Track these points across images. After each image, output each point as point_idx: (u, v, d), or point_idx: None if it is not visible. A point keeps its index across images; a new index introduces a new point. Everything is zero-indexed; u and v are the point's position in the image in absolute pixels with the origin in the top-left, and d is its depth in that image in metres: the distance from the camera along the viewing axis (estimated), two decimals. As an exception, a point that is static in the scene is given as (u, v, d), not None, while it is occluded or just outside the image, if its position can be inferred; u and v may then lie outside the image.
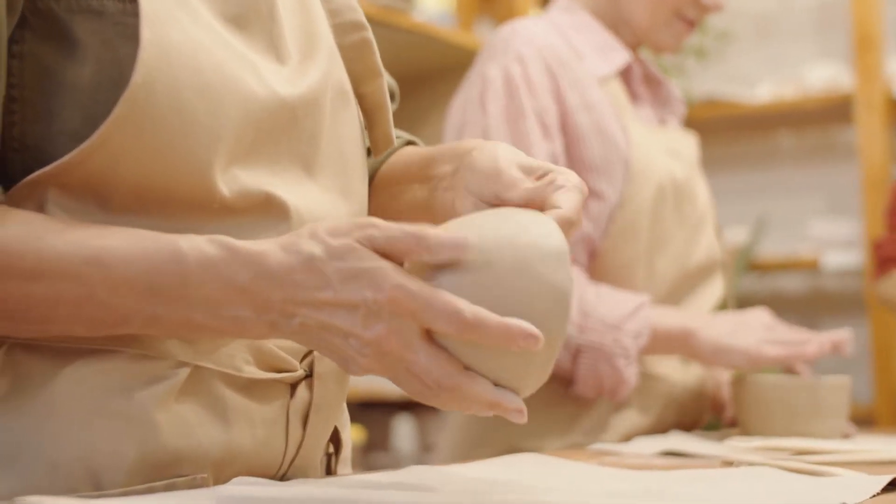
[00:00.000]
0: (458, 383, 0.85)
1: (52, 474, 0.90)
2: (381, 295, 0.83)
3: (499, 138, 1.70)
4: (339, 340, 0.86)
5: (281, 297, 0.85)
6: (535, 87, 1.74)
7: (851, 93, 3.33)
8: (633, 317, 1.66)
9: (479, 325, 0.82)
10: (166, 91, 0.88)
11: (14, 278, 0.85)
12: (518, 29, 1.82)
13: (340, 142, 1.06)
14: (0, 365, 0.91)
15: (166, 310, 0.86)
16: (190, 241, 0.86)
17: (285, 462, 1.03)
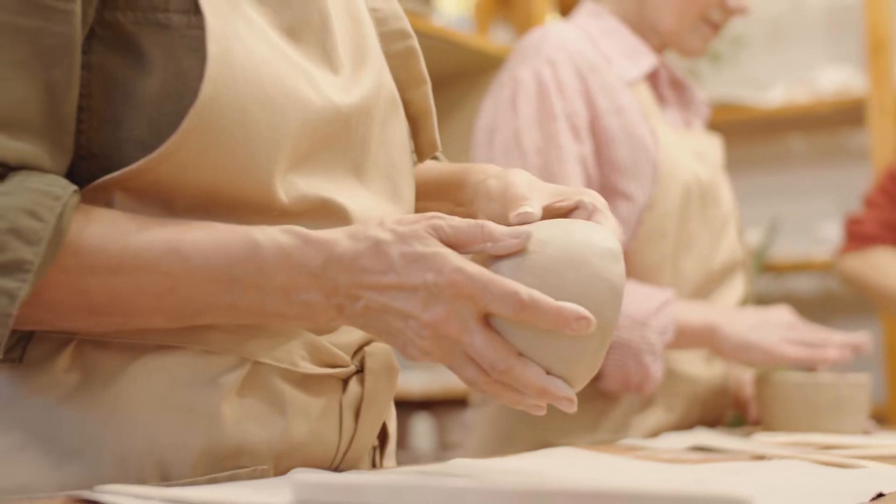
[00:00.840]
0: (511, 367, 0.89)
1: (122, 466, 0.94)
2: (441, 278, 0.88)
3: (530, 140, 1.74)
4: (399, 323, 0.90)
5: (348, 281, 0.90)
6: (566, 90, 1.77)
7: (863, 96, 3.36)
8: (659, 313, 1.69)
9: (535, 307, 0.87)
10: (231, 103, 0.92)
11: (99, 272, 0.90)
12: (548, 33, 1.85)
13: (389, 148, 1.10)
14: (69, 360, 0.95)
15: (243, 298, 0.91)
16: (264, 231, 0.91)
17: (338, 455, 1.07)
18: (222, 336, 0.97)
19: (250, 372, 0.98)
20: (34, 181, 0.87)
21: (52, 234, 0.86)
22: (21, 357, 0.94)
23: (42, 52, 0.90)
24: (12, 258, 0.84)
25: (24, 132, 0.89)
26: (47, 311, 0.91)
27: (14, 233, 0.85)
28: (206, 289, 0.91)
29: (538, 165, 1.72)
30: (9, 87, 0.88)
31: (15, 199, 0.86)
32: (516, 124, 1.76)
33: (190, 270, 0.90)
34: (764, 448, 1.42)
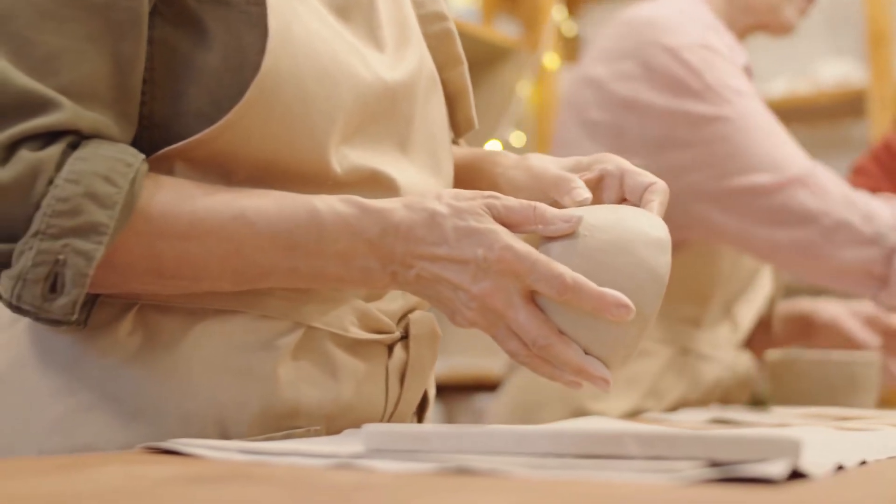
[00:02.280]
0: (551, 343, 0.94)
1: (184, 425, 0.98)
2: (491, 254, 0.92)
3: (734, 87, 1.73)
4: (449, 293, 0.95)
5: (403, 249, 0.95)
6: (727, 59, 1.76)
7: (864, 88, 3.40)
8: None
9: (578, 290, 0.91)
10: (290, 77, 0.96)
11: (170, 237, 0.94)
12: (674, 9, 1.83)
13: (430, 124, 1.14)
14: (132, 324, 0.99)
15: (304, 263, 0.95)
16: (323, 200, 0.95)
17: (385, 417, 1.11)
18: (278, 301, 1.01)
19: (304, 336, 1.02)
20: (107, 149, 0.92)
21: (125, 198, 0.90)
22: (86, 321, 0.98)
23: (112, 27, 0.94)
24: (89, 221, 0.88)
25: (95, 103, 0.93)
26: (119, 274, 0.95)
27: (90, 197, 0.89)
28: (270, 253, 0.95)
29: (750, 105, 1.71)
30: (82, 59, 0.92)
31: (90, 165, 0.90)
32: (705, 79, 1.72)
33: (254, 235, 0.94)
34: (784, 419, 1.46)
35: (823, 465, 0.73)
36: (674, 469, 0.69)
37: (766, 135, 1.68)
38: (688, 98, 1.71)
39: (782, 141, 1.69)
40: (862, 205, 1.64)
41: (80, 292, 0.89)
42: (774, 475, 0.66)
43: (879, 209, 1.64)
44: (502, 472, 0.70)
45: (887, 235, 1.63)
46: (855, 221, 1.63)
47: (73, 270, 0.88)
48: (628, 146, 1.73)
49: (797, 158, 1.68)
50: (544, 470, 0.71)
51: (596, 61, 1.84)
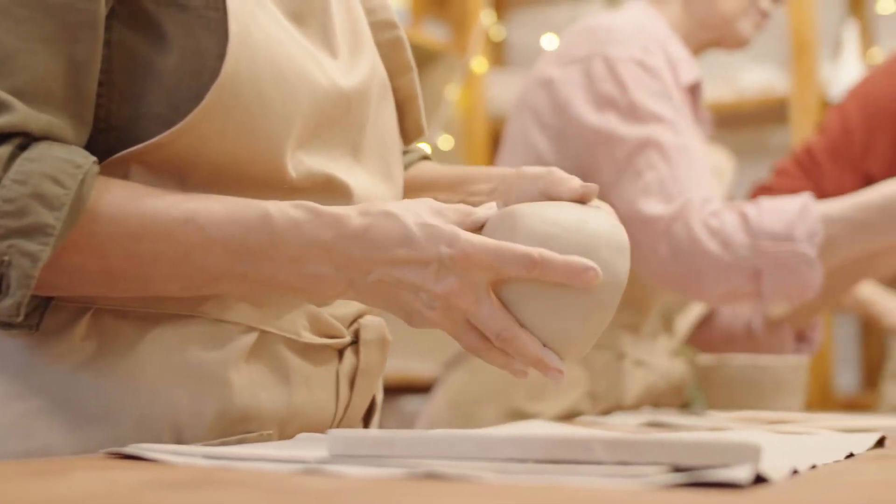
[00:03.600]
0: (514, 335, 0.95)
1: (140, 429, 0.98)
2: (454, 250, 0.93)
3: (647, 111, 1.74)
4: (409, 295, 0.96)
5: (360, 255, 0.95)
6: (664, 76, 1.79)
7: (786, 96, 3.46)
8: (801, 219, 1.66)
9: (545, 264, 0.93)
10: (249, 82, 0.97)
11: (119, 239, 0.94)
12: (634, 21, 1.86)
13: (382, 130, 1.15)
14: (86, 329, 0.99)
15: (254, 268, 0.95)
16: (276, 205, 0.95)
17: (335, 422, 1.12)
18: (232, 306, 1.02)
19: (257, 341, 1.03)
20: (57, 150, 0.91)
21: (73, 200, 0.90)
22: (38, 325, 0.97)
23: (67, 28, 0.93)
24: (35, 222, 0.88)
25: (48, 105, 0.93)
26: (67, 276, 0.94)
27: (37, 197, 0.88)
28: (220, 257, 0.95)
29: (662, 131, 1.74)
30: (36, 60, 0.92)
31: (39, 166, 0.89)
32: (629, 97, 1.75)
33: (205, 239, 0.94)
34: (719, 423, 1.49)
35: (781, 469, 0.76)
36: (640, 474, 0.71)
37: (668, 164, 1.72)
38: (610, 112, 1.76)
39: (684, 173, 1.72)
40: (729, 229, 1.67)
41: (24, 294, 0.88)
42: (740, 480, 0.68)
43: (734, 233, 1.67)
44: (472, 477, 0.72)
45: (747, 258, 1.66)
46: (715, 251, 1.67)
47: (18, 272, 0.88)
48: (568, 150, 1.76)
49: (690, 191, 1.70)
50: (513, 475, 0.73)
51: (550, 64, 1.87)
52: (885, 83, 2.40)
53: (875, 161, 2.28)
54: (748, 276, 1.67)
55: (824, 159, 2.35)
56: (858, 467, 0.90)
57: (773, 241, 1.65)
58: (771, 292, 1.68)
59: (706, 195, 1.70)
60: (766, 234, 1.65)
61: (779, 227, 1.65)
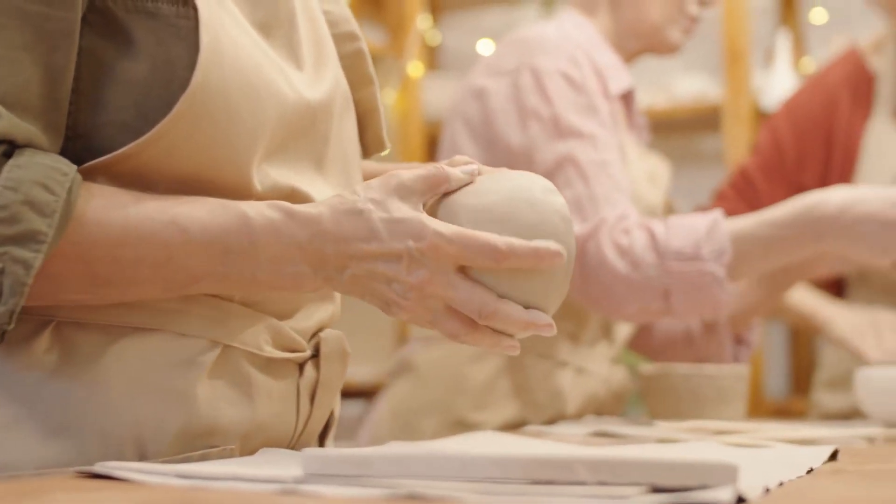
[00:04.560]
0: (496, 308, 0.97)
1: (103, 443, 0.97)
2: (422, 243, 0.96)
3: (568, 125, 1.76)
4: (384, 287, 0.98)
5: (334, 251, 0.97)
6: (590, 87, 1.80)
7: (719, 103, 3.50)
8: (709, 238, 1.67)
9: (513, 253, 0.96)
10: (218, 93, 0.96)
11: (104, 245, 0.93)
12: (561, 31, 1.87)
13: (344, 143, 1.15)
14: (49, 341, 0.98)
15: (235, 269, 0.97)
16: (253, 206, 0.97)
17: (295, 436, 1.12)
18: (196, 320, 1.01)
19: (220, 355, 1.02)
20: (42, 158, 0.91)
21: (63, 206, 0.89)
22: (2, 337, 0.96)
23: (46, 36, 0.93)
24: (28, 229, 0.87)
25: (26, 113, 0.92)
26: (52, 283, 0.93)
27: (29, 204, 0.88)
28: (202, 259, 0.96)
29: (582, 147, 1.75)
30: (16, 69, 0.91)
31: (28, 173, 0.89)
32: (553, 111, 1.77)
33: (187, 242, 0.95)
34: (666, 433, 1.50)
35: (755, 488, 0.77)
36: (621, 495, 0.72)
37: (585, 182, 1.74)
38: (534, 127, 1.78)
39: (601, 191, 1.73)
40: (638, 249, 1.69)
41: (17, 302, 0.87)
42: (722, 502, 0.69)
43: (642, 253, 1.69)
44: (452, 498, 0.72)
45: (655, 278, 1.68)
46: (623, 272, 1.69)
47: (11, 279, 0.87)
48: (496, 162, 1.78)
49: (605, 210, 1.72)
50: (494, 496, 0.73)
51: (482, 74, 1.88)
52: (813, 98, 2.44)
53: (808, 176, 2.31)
54: (658, 295, 1.69)
55: (759, 179, 2.38)
56: (819, 483, 0.91)
57: (680, 261, 1.67)
58: (681, 310, 1.70)
59: (622, 212, 1.72)
60: (674, 254, 1.67)
61: (686, 247, 1.67)
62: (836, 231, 1.66)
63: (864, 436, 1.49)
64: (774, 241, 1.67)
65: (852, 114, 2.33)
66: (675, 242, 1.67)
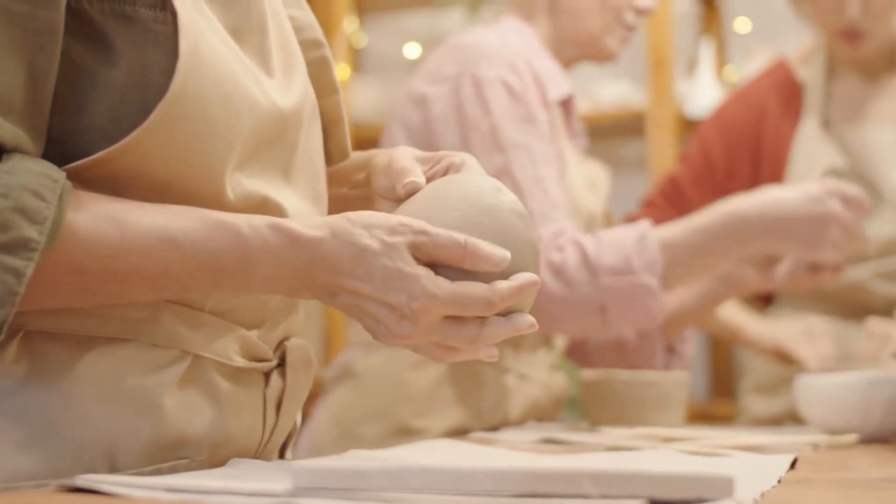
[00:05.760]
0: (481, 335, 0.98)
1: (75, 455, 0.95)
2: (414, 303, 0.96)
3: (506, 136, 1.76)
4: (371, 321, 0.99)
5: (327, 280, 0.97)
6: (530, 96, 1.81)
7: (642, 110, 3.54)
8: (639, 251, 1.70)
9: (504, 299, 0.97)
10: (196, 100, 0.95)
11: (99, 256, 0.92)
12: (501, 39, 1.87)
13: (311, 152, 1.14)
14: (17, 351, 0.96)
15: (228, 284, 0.97)
16: (251, 226, 0.96)
17: (261, 446, 1.11)
18: (166, 330, 1.00)
19: (189, 365, 1.01)
20: (31, 163, 0.89)
21: (55, 214, 0.87)
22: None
23: (29, 38, 0.91)
24: (18, 236, 0.85)
25: (10, 115, 0.90)
26: (42, 292, 0.91)
27: (19, 211, 0.86)
28: (196, 275, 0.95)
29: (518, 161, 1.75)
30: (2, 70, 0.89)
31: (19, 179, 0.87)
32: (491, 121, 1.78)
33: (182, 258, 0.94)
34: (615, 440, 1.51)
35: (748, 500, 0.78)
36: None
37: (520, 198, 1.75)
38: (472, 137, 1.78)
39: (536, 207, 1.74)
40: (570, 268, 1.71)
41: (9, 312, 0.86)
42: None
43: (575, 272, 1.71)
44: (452, 512, 0.72)
45: (589, 294, 1.70)
46: (558, 292, 1.71)
47: (2, 288, 0.85)
48: None
49: (539, 227, 1.73)
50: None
51: (423, 80, 1.88)
52: (742, 108, 2.48)
53: (738, 185, 2.35)
54: (594, 311, 1.72)
55: (688, 188, 2.42)
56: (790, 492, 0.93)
57: (613, 276, 1.69)
58: (617, 323, 1.73)
59: (556, 229, 1.73)
60: (606, 270, 1.70)
61: (618, 262, 1.70)
62: (761, 232, 1.73)
63: (810, 443, 1.51)
64: (703, 247, 1.73)
65: (781, 124, 2.36)
66: (606, 258, 1.70)
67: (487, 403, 1.83)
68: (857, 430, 1.61)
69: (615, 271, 1.69)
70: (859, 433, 1.60)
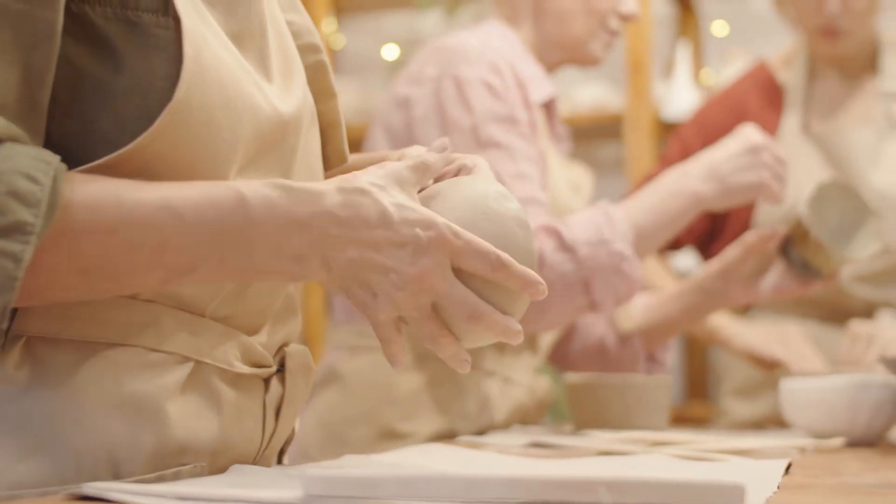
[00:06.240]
0: (483, 310, 0.99)
1: (79, 462, 0.95)
2: (431, 232, 0.96)
3: (488, 135, 1.78)
4: (379, 276, 0.97)
5: (336, 232, 0.96)
6: (511, 96, 1.82)
7: (620, 112, 3.55)
8: (608, 223, 1.75)
9: (506, 268, 0.98)
10: (200, 106, 0.95)
11: (95, 233, 0.90)
12: (484, 40, 1.88)
13: (309, 157, 1.14)
14: (19, 357, 0.96)
15: (232, 252, 0.94)
16: (248, 185, 0.95)
17: (260, 452, 1.11)
18: (168, 335, 1.00)
19: (192, 372, 1.01)
20: (25, 149, 0.88)
21: (49, 196, 0.86)
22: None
23: (26, 37, 0.90)
24: (14, 220, 0.84)
25: (4, 112, 0.89)
26: (43, 277, 0.90)
27: (13, 195, 0.85)
28: (198, 243, 0.93)
29: (499, 158, 1.77)
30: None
31: (10, 164, 0.86)
32: (473, 120, 1.79)
33: (181, 224, 0.92)
34: (604, 444, 1.52)
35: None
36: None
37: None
38: (454, 134, 1.79)
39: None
40: (547, 253, 1.73)
41: (9, 298, 0.84)
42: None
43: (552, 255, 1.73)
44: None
45: (571, 272, 1.73)
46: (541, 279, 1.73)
47: (2, 274, 0.84)
48: None
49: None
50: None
51: (405, 83, 1.89)
52: (723, 109, 2.50)
53: None
54: (579, 290, 1.74)
55: None
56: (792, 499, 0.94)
57: (589, 247, 1.73)
58: (601, 297, 1.76)
59: (536, 224, 1.75)
60: (582, 243, 1.73)
61: (591, 234, 1.74)
62: (704, 176, 1.84)
63: (797, 446, 1.53)
64: (660, 207, 1.82)
65: (761, 125, 2.38)
66: (580, 234, 1.74)
67: (472, 407, 1.84)
68: (843, 433, 1.62)
69: (590, 243, 1.74)
70: (845, 437, 1.62)
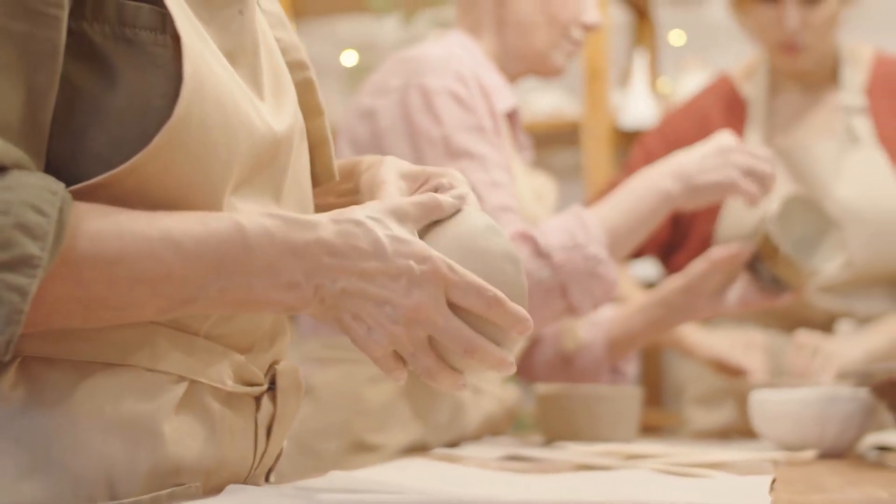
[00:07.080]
0: (479, 344, 0.99)
1: (75, 482, 0.94)
2: (425, 265, 0.96)
3: (458, 145, 1.78)
4: (373, 309, 0.98)
5: (329, 262, 0.96)
6: (477, 106, 1.82)
7: (577, 120, 3.57)
8: (581, 227, 1.76)
9: (499, 305, 0.98)
10: (198, 124, 0.94)
11: (98, 265, 0.90)
12: (447, 50, 1.88)
13: (299, 175, 1.14)
14: (14, 377, 0.95)
15: (231, 282, 0.94)
16: (247, 216, 0.95)
17: (252, 470, 1.10)
18: (163, 355, 0.99)
19: (186, 391, 1.01)
20: (30, 177, 0.87)
21: (56, 228, 0.86)
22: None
23: (29, 58, 0.89)
24: (21, 254, 0.84)
25: (8, 135, 0.88)
26: (45, 309, 0.90)
27: (21, 228, 0.84)
28: (198, 273, 0.93)
29: (473, 168, 1.77)
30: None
31: (17, 194, 0.85)
32: (443, 131, 1.79)
33: (183, 255, 0.92)
34: (580, 457, 1.52)
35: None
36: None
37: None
38: (424, 148, 1.80)
39: (490, 206, 1.77)
40: (525, 259, 1.74)
41: (14, 331, 0.84)
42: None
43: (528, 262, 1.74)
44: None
45: (548, 278, 1.74)
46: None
47: (6, 308, 0.83)
48: None
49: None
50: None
51: (369, 94, 1.89)
52: (686, 119, 2.52)
53: None
54: (556, 296, 1.75)
55: None
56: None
57: (564, 252, 1.74)
58: (579, 301, 1.76)
59: (511, 231, 1.76)
60: (557, 248, 1.74)
61: (565, 239, 1.75)
62: (674, 176, 1.84)
63: (769, 459, 1.54)
64: (634, 209, 1.82)
65: None
66: (554, 239, 1.75)
67: (444, 418, 1.84)
68: (813, 445, 1.64)
69: (565, 248, 1.74)
70: (815, 448, 1.63)
